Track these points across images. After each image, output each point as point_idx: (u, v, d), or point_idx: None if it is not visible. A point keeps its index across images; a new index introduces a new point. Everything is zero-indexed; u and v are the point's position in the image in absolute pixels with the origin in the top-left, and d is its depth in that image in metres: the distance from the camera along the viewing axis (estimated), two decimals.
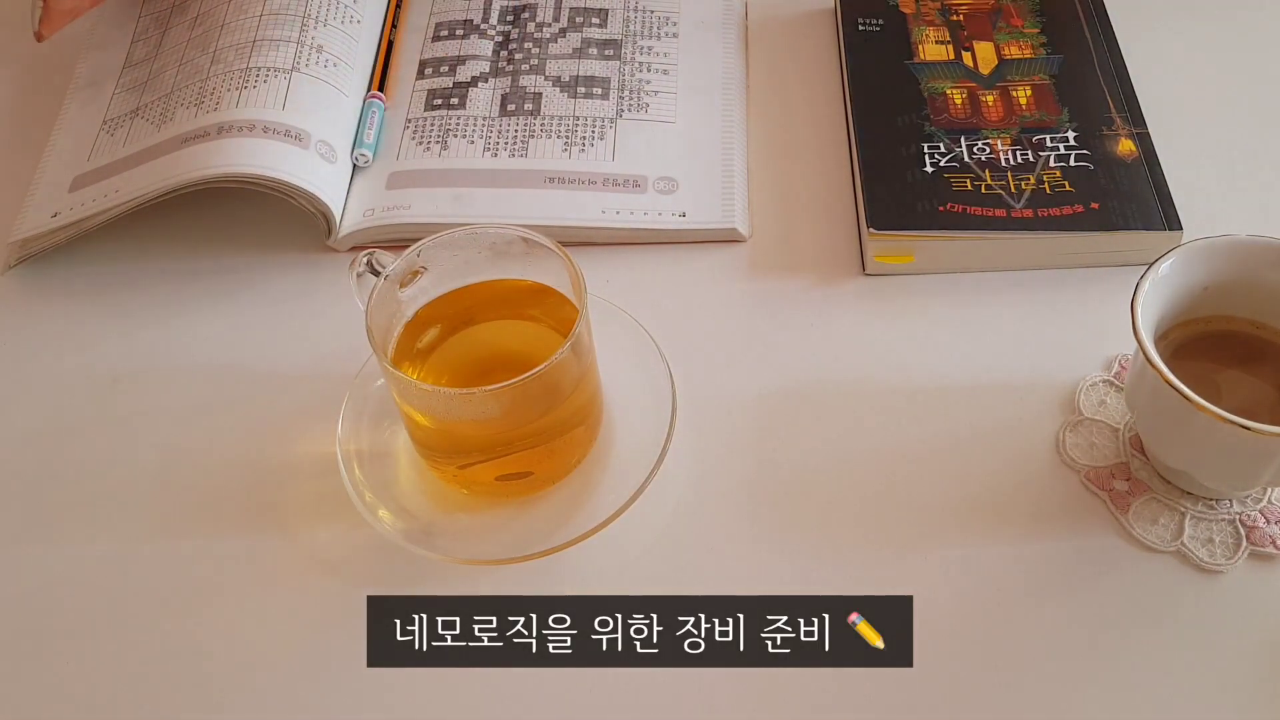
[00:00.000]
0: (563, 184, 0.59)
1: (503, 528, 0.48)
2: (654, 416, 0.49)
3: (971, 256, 0.55)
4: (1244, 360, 0.47)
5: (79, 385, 0.54)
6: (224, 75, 0.59)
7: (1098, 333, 0.53)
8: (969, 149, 0.58)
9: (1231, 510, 0.47)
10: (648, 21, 0.67)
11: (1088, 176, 0.56)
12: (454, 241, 0.46)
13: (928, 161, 0.57)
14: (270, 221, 0.59)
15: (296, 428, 0.52)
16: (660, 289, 0.56)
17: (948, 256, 0.55)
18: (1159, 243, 0.53)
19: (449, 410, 0.45)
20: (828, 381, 0.52)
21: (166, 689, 0.45)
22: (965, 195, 0.56)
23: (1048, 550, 0.46)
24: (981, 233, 0.54)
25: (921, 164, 0.57)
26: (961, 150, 0.58)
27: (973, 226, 0.54)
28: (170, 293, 0.57)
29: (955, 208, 0.55)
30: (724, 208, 0.58)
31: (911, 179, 0.57)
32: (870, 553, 0.47)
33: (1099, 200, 0.55)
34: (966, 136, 0.58)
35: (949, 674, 0.44)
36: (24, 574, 0.48)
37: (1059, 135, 0.58)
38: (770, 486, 0.49)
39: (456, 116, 0.62)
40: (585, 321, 0.44)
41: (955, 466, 0.49)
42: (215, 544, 0.48)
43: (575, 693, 0.44)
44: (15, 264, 0.58)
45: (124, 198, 0.56)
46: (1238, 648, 0.44)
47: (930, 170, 0.57)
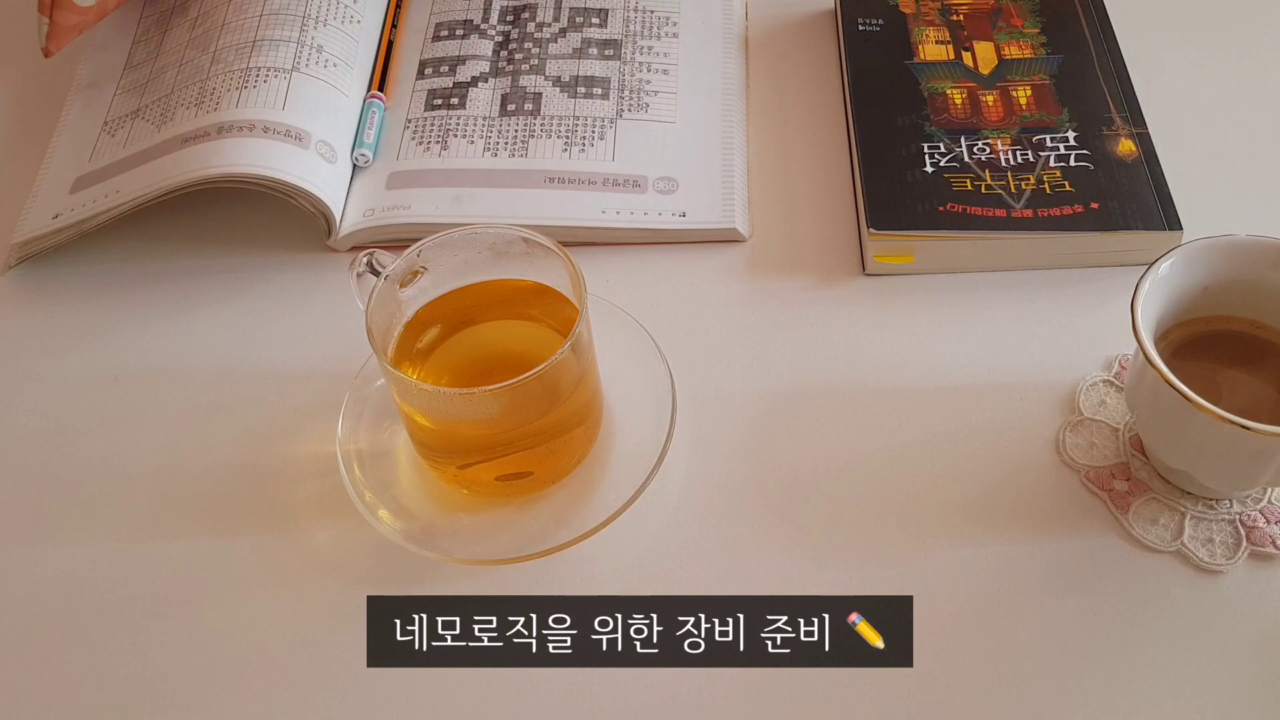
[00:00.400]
0: (563, 184, 0.59)
1: (503, 528, 0.48)
2: (654, 416, 0.49)
3: (971, 256, 0.55)
4: (1244, 360, 0.47)
5: (79, 385, 0.54)
6: (224, 75, 0.59)
7: (1098, 333, 0.53)
8: (969, 149, 0.58)
9: (1231, 510, 0.47)
10: (648, 22, 0.67)
11: (1088, 176, 0.56)
12: (454, 241, 0.46)
13: (928, 162, 0.57)
14: (270, 221, 0.59)
15: (296, 428, 0.52)
16: (660, 289, 0.56)
17: (948, 256, 0.55)
18: (1159, 243, 0.53)
19: (449, 410, 0.45)
20: (827, 381, 0.52)
21: (166, 689, 0.45)
22: (965, 195, 0.56)
23: (1048, 550, 0.46)
24: (981, 233, 0.54)
25: (921, 164, 0.57)
26: (961, 150, 0.58)
27: (973, 227, 0.54)
28: (170, 293, 0.57)
29: (955, 208, 0.55)
30: (724, 208, 0.58)
31: (911, 179, 0.57)
32: (870, 552, 0.47)
33: (1099, 200, 0.55)
34: (966, 136, 0.58)
35: (949, 674, 0.44)
36: (24, 574, 0.48)
37: (1059, 135, 0.58)
38: (770, 486, 0.49)
39: (456, 116, 0.62)
40: (585, 321, 0.44)
41: (955, 466, 0.49)
42: (215, 544, 0.48)
43: (575, 693, 0.44)
44: (15, 264, 0.58)
45: (125, 198, 0.56)
46: (1238, 648, 0.44)
47: (930, 170, 0.57)
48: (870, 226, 0.55)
